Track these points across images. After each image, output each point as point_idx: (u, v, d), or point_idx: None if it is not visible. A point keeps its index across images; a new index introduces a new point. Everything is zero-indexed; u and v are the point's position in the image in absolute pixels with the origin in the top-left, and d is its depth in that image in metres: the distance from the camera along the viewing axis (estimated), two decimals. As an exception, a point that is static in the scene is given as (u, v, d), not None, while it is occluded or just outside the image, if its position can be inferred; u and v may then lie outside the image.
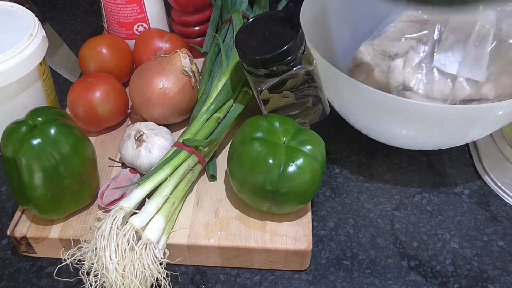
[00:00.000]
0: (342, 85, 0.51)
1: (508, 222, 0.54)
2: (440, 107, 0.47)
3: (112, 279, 0.42)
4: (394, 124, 0.52)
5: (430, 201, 0.56)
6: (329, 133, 0.62)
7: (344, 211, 0.55)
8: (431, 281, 0.49)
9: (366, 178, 0.59)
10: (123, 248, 0.43)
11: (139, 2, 0.67)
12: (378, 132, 0.55)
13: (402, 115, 0.49)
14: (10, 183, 0.48)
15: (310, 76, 0.51)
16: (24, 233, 0.49)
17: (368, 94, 0.48)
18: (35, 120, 0.46)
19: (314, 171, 0.47)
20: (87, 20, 0.87)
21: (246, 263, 0.50)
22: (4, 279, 0.50)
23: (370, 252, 0.52)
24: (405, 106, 0.48)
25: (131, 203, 0.46)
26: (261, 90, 0.51)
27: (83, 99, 0.57)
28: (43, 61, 0.58)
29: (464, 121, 0.49)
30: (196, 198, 0.52)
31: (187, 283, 0.49)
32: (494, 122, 0.50)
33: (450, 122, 0.49)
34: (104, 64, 0.63)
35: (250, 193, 0.48)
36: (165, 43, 0.64)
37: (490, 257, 0.51)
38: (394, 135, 0.54)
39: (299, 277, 0.50)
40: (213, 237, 0.49)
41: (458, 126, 0.50)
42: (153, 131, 0.55)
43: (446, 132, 0.51)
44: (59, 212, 0.49)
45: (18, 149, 0.45)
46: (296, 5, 0.85)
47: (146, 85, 0.56)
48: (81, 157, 0.48)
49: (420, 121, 0.49)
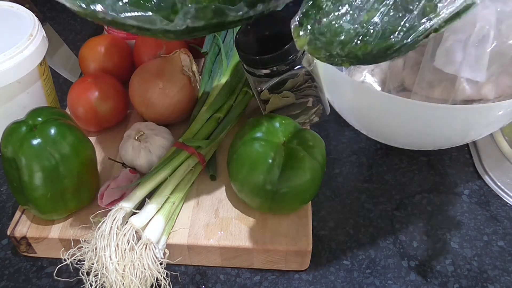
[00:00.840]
0: (342, 85, 0.51)
1: (508, 222, 0.54)
2: (441, 107, 0.47)
3: (112, 279, 0.42)
4: (394, 125, 0.52)
5: (430, 201, 0.56)
6: (329, 133, 0.62)
7: (344, 211, 0.55)
8: (431, 281, 0.49)
9: (366, 178, 0.59)
10: (123, 248, 0.43)
11: (139, 2, 0.67)
12: (378, 132, 0.55)
13: (402, 115, 0.49)
14: (10, 183, 0.48)
15: (310, 76, 0.51)
16: (24, 233, 0.49)
17: (368, 95, 0.48)
18: (35, 120, 0.46)
19: (314, 171, 0.47)
20: (87, 20, 0.86)
21: (246, 263, 0.50)
22: (4, 279, 0.50)
23: (370, 252, 0.52)
24: (405, 106, 0.48)
25: (131, 203, 0.46)
26: (261, 90, 0.51)
27: (83, 99, 0.57)
28: (43, 61, 0.58)
29: (465, 121, 0.49)
30: (196, 198, 0.52)
31: (187, 283, 0.49)
32: (494, 122, 0.50)
33: (451, 122, 0.49)
34: (104, 64, 0.63)
35: (250, 193, 0.48)
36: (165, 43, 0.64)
37: (490, 257, 0.51)
38: (394, 135, 0.54)
39: (299, 277, 0.50)
40: (213, 237, 0.49)
41: (459, 126, 0.50)
42: (153, 131, 0.55)
43: (446, 132, 0.51)
44: (59, 212, 0.49)
45: (18, 149, 0.45)
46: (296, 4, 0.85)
47: (146, 85, 0.56)
48: (81, 157, 0.48)
49: (420, 121, 0.49)
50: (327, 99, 0.55)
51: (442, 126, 0.50)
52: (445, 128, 0.50)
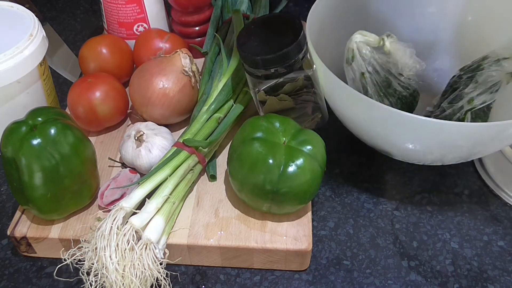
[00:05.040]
0: (341, 94, 0.50)
1: (508, 222, 0.54)
2: (448, 123, 0.45)
3: (112, 279, 0.42)
4: (397, 139, 0.51)
5: (430, 201, 0.56)
6: (329, 133, 0.62)
7: (344, 211, 0.55)
8: (431, 281, 0.49)
9: (366, 178, 0.59)
10: (123, 248, 0.43)
11: (139, 2, 0.67)
12: (380, 145, 0.54)
13: (406, 129, 0.48)
14: (10, 183, 0.48)
15: (310, 81, 0.51)
16: (24, 233, 0.49)
17: (370, 107, 0.47)
18: (35, 120, 0.46)
19: (314, 171, 0.47)
20: (87, 20, 0.87)
21: (246, 263, 0.50)
22: (4, 279, 0.50)
23: (370, 252, 0.52)
24: (409, 121, 0.46)
25: (131, 203, 0.46)
26: (258, 91, 0.51)
27: (83, 99, 0.57)
28: (43, 61, 0.58)
29: (472, 138, 0.46)
30: (196, 198, 0.52)
31: (187, 283, 0.49)
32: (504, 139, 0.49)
33: (456, 139, 0.47)
34: (104, 64, 0.63)
35: (250, 193, 0.48)
36: (165, 43, 0.64)
37: (490, 257, 0.51)
38: (395, 148, 0.53)
39: (299, 277, 0.50)
40: (213, 237, 0.49)
41: (464, 143, 0.48)
42: (153, 131, 0.55)
43: (451, 148, 0.49)
44: (59, 212, 0.49)
45: (18, 149, 0.45)
46: (296, 5, 0.85)
47: (146, 85, 0.56)
48: (81, 157, 0.48)
49: (424, 136, 0.48)
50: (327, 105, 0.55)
51: (447, 143, 0.48)
52: (450, 145, 0.48)
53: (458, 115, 0.55)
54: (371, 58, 0.56)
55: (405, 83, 0.58)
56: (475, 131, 0.45)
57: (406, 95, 0.58)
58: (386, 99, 0.57)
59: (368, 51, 0.56)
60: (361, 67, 0.56)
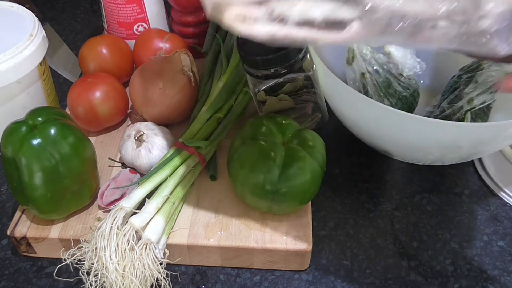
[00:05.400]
0: (341, 94, 0.50)
1: (508, 222, 0.54)
2: (449, 124, 0.45)
3: (112, 279, 0.42)
4: (396, 139, 0.51)
5: (430, 201, 0.56)
6: (329, 133, 0.62)
7: (344, 211, 0.55)
8: (431, 281, 0.49)
9: (366, 178, 0.59)
10: (123, 248, 0.43)
11: (139, 2, 0.67)
12: (379, 145, 0.54)
13: (406, 129, 0.48)
14: (10, 183, 0.48)
15: (310, 81, 0.50)
16: (24, 233, 0.49)
17: (370, 107, 0.47)
18: (35, 120, 0.46)
19: (314, 171, 0.47)
20: (87, 20, 0.87)
21: (246, 263, 0.50)
22: (4, 279, 0.50)
23: (370, 252, 0.52)
24: (409, 121, 0.46)
25: (131, 203, 0.46)
26: (258, 91, 0.51)
27: (83, 99, 0.57)
28: (43, 61, 0.58)
29: (472, 138, 0.46)
30: (196, 198, 0.52)
31: (187, 283, 0.49)
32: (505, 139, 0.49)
33: (456, 139, 0.47)
34: (104, 64, 0.63)
35: (250, 193, 0.48)
36: (165, 43, 0.64)
37: (490, 257, 0.51)
38: (394, 148, 0.53)
39: (299, 277, 0.50)
40: (213, 237, 0.49)
41: (464, 143, 0.48)
42: (153, 131, 0.55)
43: (451, 148, 0.49)
44: (59, 212, 0.49)
45: (18, 149, 0.45)
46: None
47: (146, 85, 0.56)
48: (81, 157, 0.48)
49: (424, 136, 0.48)
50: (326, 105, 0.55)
51: (448, 143, 0.48)
52: (450, 145, 0.48)
53: (458, 115, 0.55)
54: (371, 58, 0.56)
55: (405, 83, 0.58)
56: (475, 131, 0.45)
57: (406, 95, 0.58)
58: (386, 99, 0.57)
59: (369, 51, 0.56)
60: (361, 67, 0.56)
